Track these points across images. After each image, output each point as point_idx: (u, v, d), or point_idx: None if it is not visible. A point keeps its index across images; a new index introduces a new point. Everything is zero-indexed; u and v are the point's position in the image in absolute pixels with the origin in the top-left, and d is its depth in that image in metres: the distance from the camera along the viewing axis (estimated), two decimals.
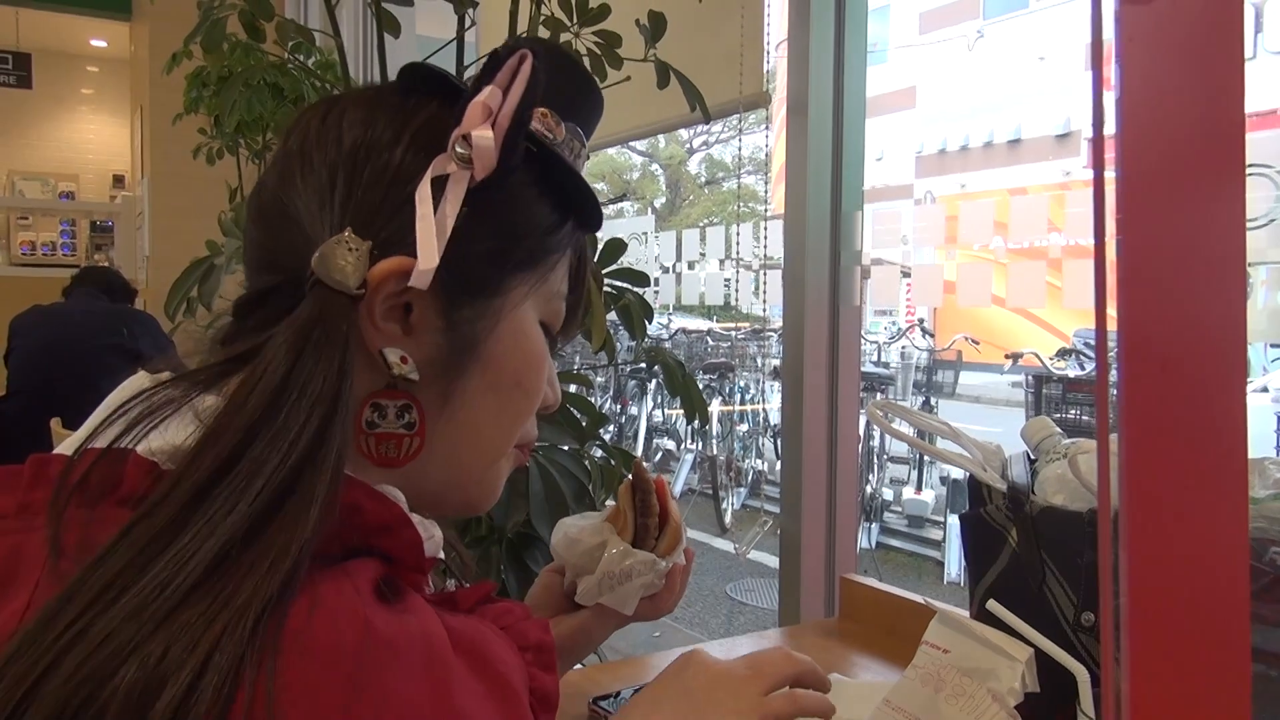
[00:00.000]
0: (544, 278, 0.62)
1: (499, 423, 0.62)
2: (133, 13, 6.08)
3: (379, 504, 0.52)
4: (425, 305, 0.56)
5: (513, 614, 0.60)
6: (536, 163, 0.60)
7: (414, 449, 0.56)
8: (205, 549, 0.43)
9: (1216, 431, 0.37)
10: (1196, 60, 0.37)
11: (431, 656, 0.47)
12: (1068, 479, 0.91)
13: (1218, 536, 0.37)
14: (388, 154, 0.57)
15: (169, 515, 0.44)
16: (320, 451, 0.48)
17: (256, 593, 0.42)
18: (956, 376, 6.61)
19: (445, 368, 0.57)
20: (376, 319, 0.55)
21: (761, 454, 6.65)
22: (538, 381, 0.63)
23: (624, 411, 6.98)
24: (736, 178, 10.25)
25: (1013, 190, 11.53)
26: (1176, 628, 0.36)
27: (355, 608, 0.45)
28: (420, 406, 0.57)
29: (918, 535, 5.52)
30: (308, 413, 0.49)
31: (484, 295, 0.59)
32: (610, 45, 1.57)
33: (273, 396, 0.49)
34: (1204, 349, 0.37)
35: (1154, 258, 0.36)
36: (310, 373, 0.50)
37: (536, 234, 0.61)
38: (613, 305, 1.57)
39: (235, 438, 0.47)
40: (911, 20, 14.81)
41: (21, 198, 7.17)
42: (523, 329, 0.61)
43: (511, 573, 1.43)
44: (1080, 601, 0.86)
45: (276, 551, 0.44)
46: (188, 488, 0.45)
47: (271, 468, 0.46)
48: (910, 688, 0.82)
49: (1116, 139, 0.35)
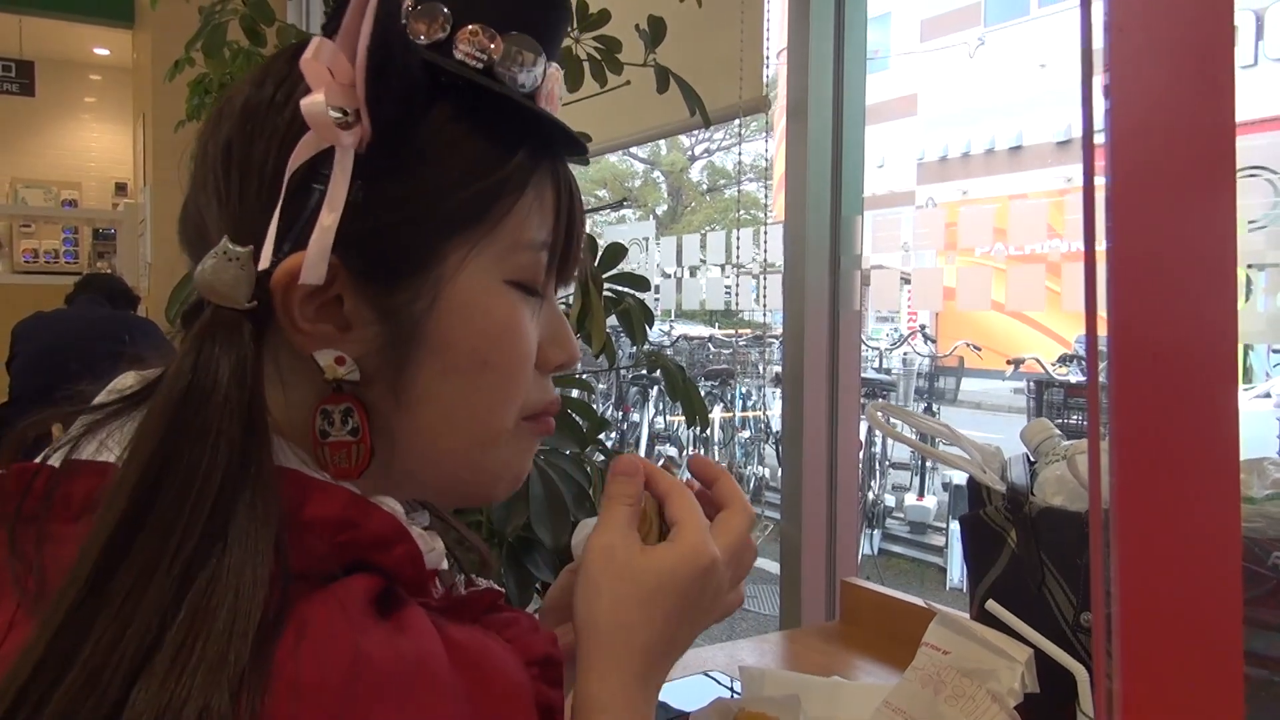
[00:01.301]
0: (491, 232, 0.52)
1: (473, 408, 0.54)
2: (135, 20, 6.10)
3: (374, 517, 0.49)
4: (353, 297, 0.50)
5: (519, 625, 0.58)
6: (456, 96, 0.51)
7: (360, 457, 0.51)
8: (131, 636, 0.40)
9: (1209, 433, 0.37)
10: (1187, 66, 0.37)
11: (426, 682, 0.45)
12: (1067, 480, 0.91)
13: (1210, 537, 0.37)
14: (265, 140, 0.50)
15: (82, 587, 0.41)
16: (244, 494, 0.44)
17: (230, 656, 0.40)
18: (958, 382, 6.61)
19: (389, 361, 0.52)
20: (302, 322, 0.49)
21: (763, 460, 6.64)
22: (511, 354, 0.55)
23: (625, 418, 6.98)
24: (737, 185, 10.26)
25: (1013, 196, 11.53)
26: (1169, 628, 0.37)
27: (344, 635, 0.43)
28: (363, 409, 0.51)
29: (920, 541, 5.51)
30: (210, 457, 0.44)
31: (413, 271, 0.51)
32: (610, 50, 1.57)
33: (167, 441, 0.44)
34: (1196, 351, 0.37)
35: (1145, 262, 0.36)
36: (204, 409, 0.45)
37: (468, 182, 0.51)
38: (613, 310, 1.58)
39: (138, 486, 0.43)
40: (913, 28, 14.83)
41: (24, 205, 7.18)
42: (473, 300, 0.53)
43: (511, 576, 1.43)
44: (1079, 602, 0.86)
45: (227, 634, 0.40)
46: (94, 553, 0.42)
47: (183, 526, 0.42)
48: (910, 689, 0.82)
49: (1107, 144, 0.35)
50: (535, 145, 0.54)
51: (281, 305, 0.49)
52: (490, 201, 0.52)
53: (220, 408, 0.46)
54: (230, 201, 0.50)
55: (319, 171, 0.48)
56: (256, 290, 0.48)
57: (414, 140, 0.50)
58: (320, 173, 0.48)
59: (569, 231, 0.57)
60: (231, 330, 0.47)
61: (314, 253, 0.47)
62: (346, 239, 0.48)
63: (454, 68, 0.51)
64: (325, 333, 0.50)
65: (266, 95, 0.51)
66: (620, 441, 6.73)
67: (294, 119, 0.49)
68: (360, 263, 0.49)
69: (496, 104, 0.52)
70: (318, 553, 0.47)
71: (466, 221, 0.52)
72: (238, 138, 0.51)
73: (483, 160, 0.52)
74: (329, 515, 0.48)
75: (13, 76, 7.26)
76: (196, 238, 0.52)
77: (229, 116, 0.52)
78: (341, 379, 0.51)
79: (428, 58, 0.50)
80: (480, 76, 0.51)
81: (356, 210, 0.48)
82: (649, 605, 0.59)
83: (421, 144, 0.50)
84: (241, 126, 0.51)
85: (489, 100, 0.52)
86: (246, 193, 0.49)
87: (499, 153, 0.52)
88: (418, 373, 0.52)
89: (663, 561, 0.60)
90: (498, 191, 0.52)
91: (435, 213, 0.51)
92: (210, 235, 0.50)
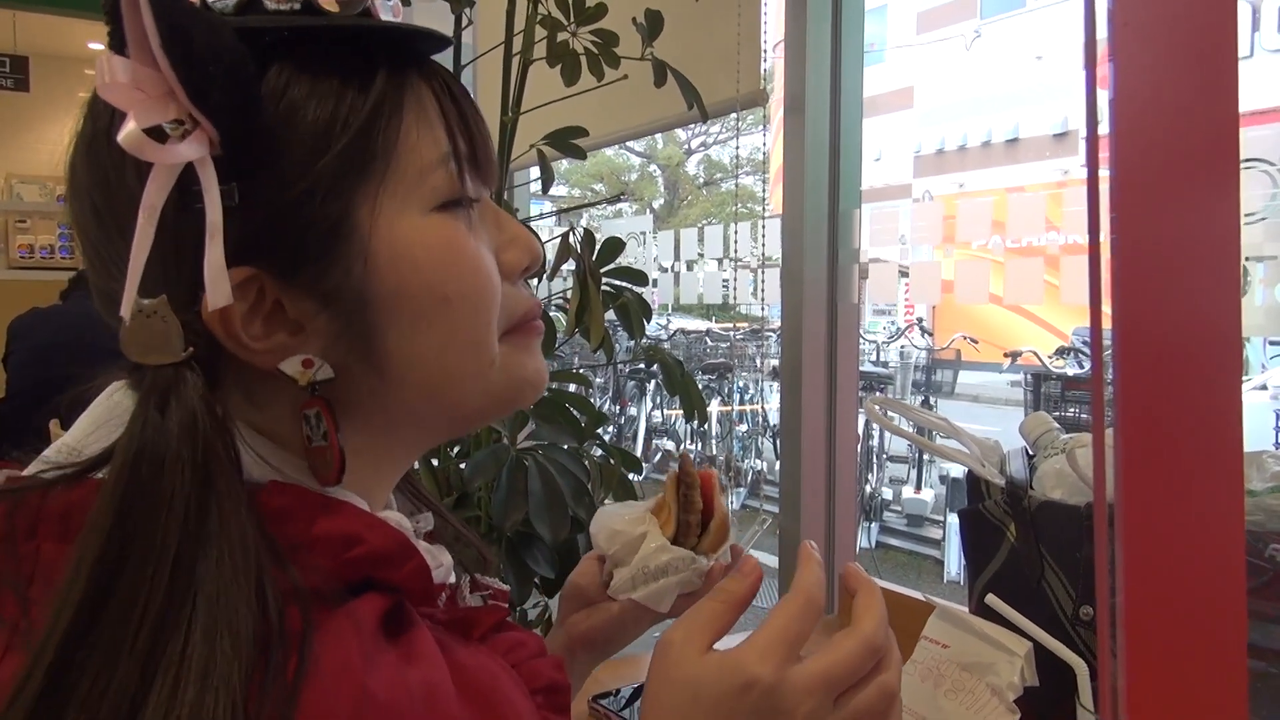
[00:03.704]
0: (387, 169, 0.48)
1: (456, 344, 0.51)
2: None
3: (379, 533, 0.48)
4: (290, 297, 0.47)
5: (526, 648, 0.57)
6: (287, 50, 0.47)
7: (333, 459, 0.48)
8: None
9: (1212, 425, 0.37)
10: (1190, 59, 0.37)
11: (433, 715, 0.44)
12: (1066, 474, 0.91)
13: (1213, 530, 0.37)
14: (124, 190, 0.45)
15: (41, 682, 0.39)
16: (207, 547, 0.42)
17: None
18: (955, 375, 6.62)
19: (355, 341, 0.49)
20: (253, 343, 0.47)
21: (761, 454, 6.65)
22: (467, 278, 0.51)
23: (623, 412, 6.98)
24: (734, 179, 10.24)
25: (1011, 189, 11.54)
26: (1173, 620, 0.37)
27: (352, 671, 0.42)
28: (328, 408, 0.48)
29: (917, 534, 5.52)
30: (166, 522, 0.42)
31: (330, 245, 0.47)
32: (607, 44, 1.57)
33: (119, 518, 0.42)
34: (1199, 344, 0.37)
35: (1149, 254, 0.36)
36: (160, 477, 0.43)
37: (338, 131, 0.47)
38: (611, 304, 1.57)
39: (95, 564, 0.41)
40: (909, 20, 14.82)
41: (19, 201, 7.15)
42: (403, 240, 0.49)
43: (510, 572, 1.43)
44: (1079, 595, 0.86)
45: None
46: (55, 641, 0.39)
47: (148, 588, 0.41)
48: (909, 683, 0.82)
49: (1111, 137, 0.35)
50: (390, 62, 0.49)
51: (225, 335, 0.46)
52: (368, 142, 0.48)
53: (173, 472, 0.43)
54: (122, 258, 0.45)
55: (190, 189, 0.43)
56: (189, 335, 0.45)
57: (265, 116, 0.45)
58: (191, 189, 0.43)
59: (465, 129, 0.52)
60: (174, 386, 0.45)
61: (210, 274, 0.43)
62: (250, 244, 0.45)
63: (271, 22, 0.46)
64: (281, 343, 0.48)
65: (102, 127, 0.47)
66: (618, 436, 6.73)
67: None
68: (277, 261, 0.46)
69: (331, 39, 0.48)
70: (326, 569, 0.46)
71: (356, 172, 0.47)
72: (95, 190, 0.47)
73: (341, 102, 0.47)
74: (334, 532, 0.47)
75: (7, 71, 7.22)
76: (111, 306, 0.48)
77: (81, 173, 0.48)
78: (316, 380, 0.48)
79: (239, 24, 0.45)
80: (303, 18, 0.47)
81: (243, 212, 0.44)
82: (682, 715, 0.52)
83: (274, 115, 0.46)
84: (92, 176, 0.47)
85: (321, 39, 0.47)
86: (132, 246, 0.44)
87: (355, 88, 0.47)
88: (386, 338, 0.49)
89: (703, 671, 0.52)
90: (370, 128, 0.48)
91: (320, 179, 0.46)
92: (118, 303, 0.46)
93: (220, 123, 0.43)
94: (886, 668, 0.55)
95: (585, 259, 1.48)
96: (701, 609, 0.55)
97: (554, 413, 1.52)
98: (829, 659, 0.53)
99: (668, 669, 0.53)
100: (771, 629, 0.53)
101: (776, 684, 0.51)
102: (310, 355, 0.48)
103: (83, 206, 0.48)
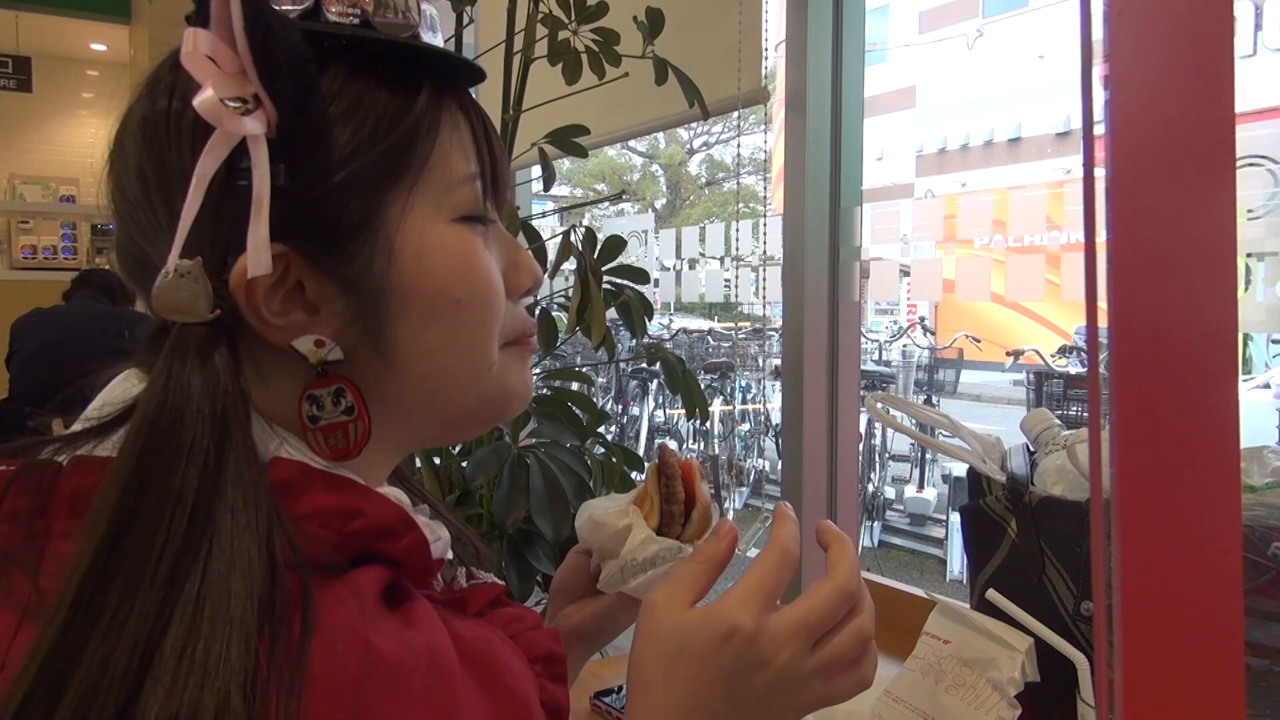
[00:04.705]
0: (420, 177, 0.53)
1: (458, 346, 0.55)
2: (132, 16, 6.08)
3: (380, 507, 0.50)
4: (312, 278, 0.50)
5: (522, 621, 0.58)
6: (343, 57, 0.51)
7: (360, 434, 0.51)
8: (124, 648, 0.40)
9: (1209, 422, 0.37)
10: (1186, 56, 0.37)
11: (437, 676, 0.45)
12: (1067, 470, 0.92)
13: (1210, 525, 0.37)
14: (175, 152, 0.49)
15: (66, 611, 0.41)
16: (219, 505, 0.44)
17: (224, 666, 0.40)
18: (958, 375, 6.62)
19: (366, 328, 0.52)
20: (270, 317, 0.49)
21: (763, 453, 6.65)
22: (479, 286, 0.55)
23: (625, 412, 6.98)
24: (736, 178, 10.23)
25: (1012, 188, 11.53)
26: (1170, 617, 0.37)
27: (356, 630, 0.43)
28: (354, 387, 0.52)
29: (920, 533, 5.52)
30: (186, 475, 0.44)
31: (360, 236, 0.51)
32: (608, 42, 1.57)
33: (140, 462, 0.44)
34: (1196, 340, 0.37)
35: (1145, 252, 0.36)
36: (181, 427, 0.45)
37: (381, 136, 0.51)
38: (612, 302, 1.58)
39: (116, 510, 0.43)
40: (911, 19, 14.81)
41: (22, 201, 7.16)
42: (426, 243, 0.53)
43: (512, 569, 1.43)
44: (1079, 591, 0.87)
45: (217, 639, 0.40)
46: (75, 578, 0.41)
47: (163, 539, 0.42)
48: (911, 679, 0.82)
49: (1106, 134, 0.35)
50: (435, 83, 0.54)
51: (246, 306, 0.49)
52: (409, 148, 0.52)
53: (193, 423, 0.45)
54: (162, 225, 0.49)
55: (237, 167, 0.47)
56: (217, 299, 0.48)
57: (319, 110, 0.49)
58: (239, 167, 0.47)
59: (491, 157, 0.57)
60: (200, 345, 0.47)
61: (253, 246, 0.47)
62: (287, 224, 0.48)
63: (332, 29, 0.50)
64: (296, 321, 0.50)
65: (162, 108, 0.50)
66: (620, 435, 6.74)
67: (196, 122, 0.47)
68: (308, 243, 0.49)
69: (384, 53, 0.52)
70: (327, 542, 0.47)
71: (393, 174, 0.52)
72: (147, 161, 0.50)
73: (388, 111, 0.51)
74: (334, 505, 0.49)
75: (9, 72, 7.24)
76: (137, 267, 0.52)
77: (131, 145, 0.51)
78: (325, 360, 0.51)
79: (303, 26, 0.49)
80: (360, 30, 0.51)
81: (286, 193, 0.48)
82: (666, 666, 0.55)
83: (327, 111, 0.50)
84: (147, 149, 0.50)
85: (376, 52, 0.52)
86: (175, 210, 0.48)
87: (402, 100, 0.52)
88: (396, 330, 0.52)
89: (686, 624, 0.56)
90: (412, 137, 0.52)
91: (361, 174, 0.50)
92: (152, 262, 0.50)
93: (281, 107, 0.47)
94: (860, 612, 0.58)
95: (586, 257, 1.49)
96: (683, 570, 0.60)
97: (556, 411, 1.53)
98: (806, 605, 0.57)
99: (653, 626, 0.57)
100: (749, 580, 0.57)
101: (756, 631, 0.55)
102: (323, 337, 0.51)
103: (129, 175, 0.51)
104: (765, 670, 0.55)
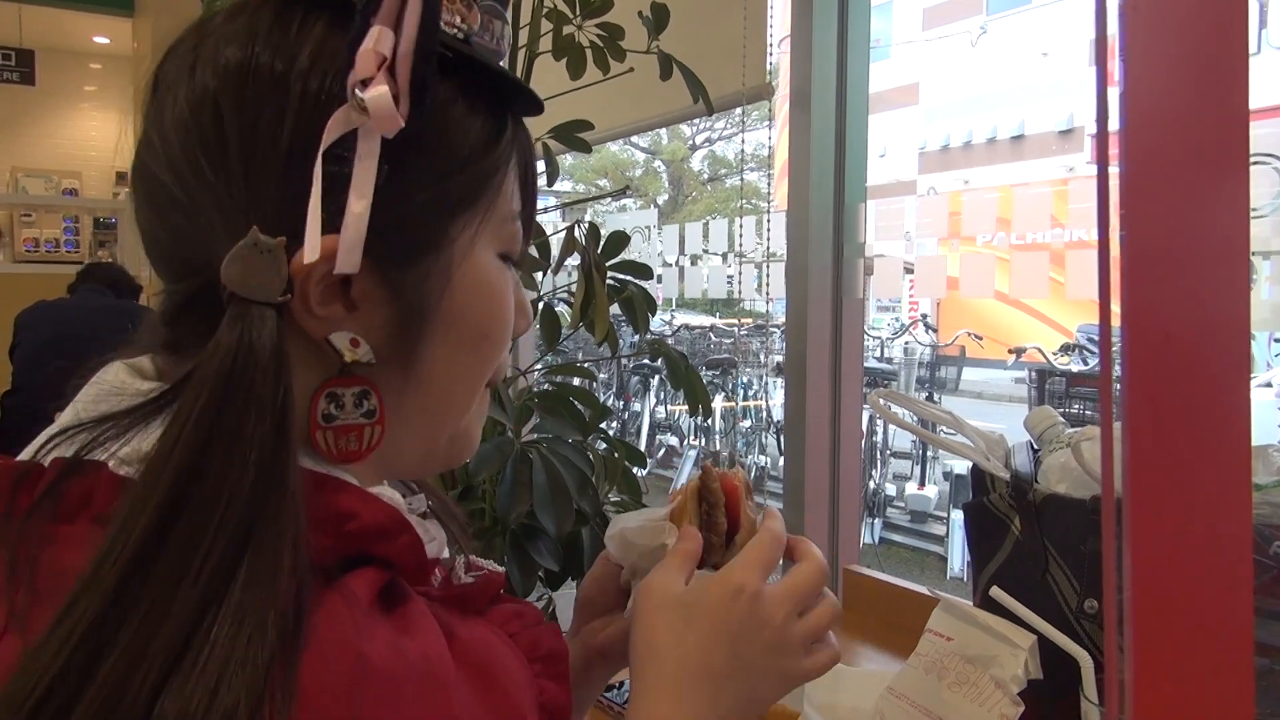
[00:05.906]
0: (491, 207, 0.53)
1: (469, 378, 0.55)
2: (135, 9, 6.08)
3: (373, 508, 0.49)
4: (364, 277, 0.48)
5: (524, 618, 0.58)
6: (456, 73, 0.50)
7: (375, 439, 0.50)
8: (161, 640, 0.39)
9: (1219, 420, 0.37)
10: (1199, 54, 0.37)
11: (431, 684, 0.45)
12: (1071, 467, 0.91)
13: (1221, 524, 0.37)
14: (275, 115, 0.46)
15: (105, 599, 0.40)
16: (272, 499, 0.43)
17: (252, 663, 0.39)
18: (960, 372, 6.61)
19: (400, 339, 0.51)
20: (313, 307, 0.48)
21: (765, 450, 6.65)
22: (505, 324, 0.56)
23: (627, 408, 6.98)
24: (739, 174, 10.28)
25: (1016, 185, 11.52)
26: (1180, 615, 0.37)
27: (347, 642, 0.42)
28: (378, 390, 0.50)
29: (921, 530, 5.52)
30: (241, 467, 0.43)
31: (428, 252, 0.50)
32: (613, 38, 1.57)
33: (199, 450, 0.43)
34: (1207, 339, 0.37)
35: (1158, 250, 0.36)
36: (241, 415, 0.43)
37: (474, 160, 0.51)
38: (615, 298, 1.57)
39: (166, 498, 0.42)
40: (915, 16, 14.78)
41: (25, 194, 7.16)
42: (480, 275, 0.53)
43: (514, 564, 1.43)
44: (1083, 588, 0.87)
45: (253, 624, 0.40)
46: (119, 564, 0.40)
47: (211, 536, 0.41)
48: (914, 675, 0.82)
49: (1120, 132, 0.35)
50: (515, 115, 0.54)
51: (299, 292, 0.47)
52: (490, 176, 0.52)
53: (266, 379, 0.44)
54: (236, 184, 0.46)
55: (336, 154, 0.45)
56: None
57: (429, 122, 0.48)
58: (338, 155, 0.45)
59: (532, 199, 0.57)
60: (265, 327, 0.45)
61: (349, 241, 0.45)
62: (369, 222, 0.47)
63: (452, 43, 0.49)
64: (334, 314, 0.49)
65: (265, 63, 0.47)
66: (622, 431, 6.74)
67: (306, 93, 0.46)
68: (378, 245, 0.47)
69: (483, 77, 0.51)
70: (322, 545, 0.46)
71: (471, 200, 0.52)
72: (233, 108, 0.47)
73: (483, 135, 0.52)
74: (331, 506, 0.47)
75: (13, 65, 7.23)
76: (172, 211, 0.48)
77: (212, 82, 0.47)
78: (359, 361, 0.49)
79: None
80: (465, 47, 0.50)
81: (379, 194, 0.46)
82: (679, 631, 0.60)
83: (436, 125, 0.49)
84: (237, 95, 0.47)
85: (475, 74, 0.51)
86: (263, 175, 0.46)
87: (494, 127, 0.52)
88: (425, 349, 0.52)
89: (692, 589, 0.62)
90: (496, 165, 0.52)
91: (450, 192, 0.50)
92: (201, 216, 0.47)
93: (413, 110, 0.46)
94: (827, 593, 0.66)
95: (590, 252, 1.49)
96: (670, 557, 0.65)
97: (558, 406, 1.53)
98: (795, 578, 0.64)
99: (657, 602, 0.61)
100: (749, 553, 0.64)
101: (759, 592, 0.61)
102: (357, 335, 0.49)
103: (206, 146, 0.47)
104: (765, 630, 0.61)
